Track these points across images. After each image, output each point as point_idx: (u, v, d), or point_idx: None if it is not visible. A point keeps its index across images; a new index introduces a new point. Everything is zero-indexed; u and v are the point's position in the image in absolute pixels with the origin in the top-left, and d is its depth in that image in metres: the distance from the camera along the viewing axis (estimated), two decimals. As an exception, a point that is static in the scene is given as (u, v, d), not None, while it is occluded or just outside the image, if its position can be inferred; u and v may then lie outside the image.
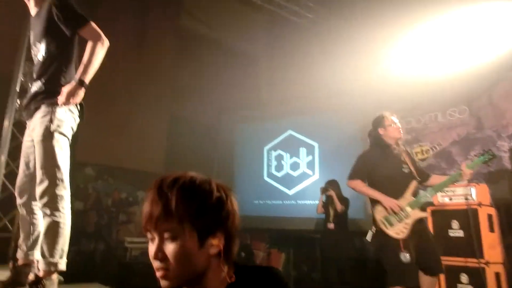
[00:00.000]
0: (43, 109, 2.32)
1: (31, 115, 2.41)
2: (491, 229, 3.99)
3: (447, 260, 3.84)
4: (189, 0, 7.51)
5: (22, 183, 2.42)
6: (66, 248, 2.27)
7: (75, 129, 2.46)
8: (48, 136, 2.26)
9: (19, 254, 2.46)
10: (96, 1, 6.19)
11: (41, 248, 2.22)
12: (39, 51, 2.44)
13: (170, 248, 1.03)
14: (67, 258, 2.31)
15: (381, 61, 6.39)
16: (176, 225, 1.02)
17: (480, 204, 4.01)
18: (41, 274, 2.19)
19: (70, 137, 2.41)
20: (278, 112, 7.69)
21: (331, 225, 5.54)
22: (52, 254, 2.19)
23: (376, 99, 6.46)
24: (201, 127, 7.54)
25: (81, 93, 2.30)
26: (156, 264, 1.05)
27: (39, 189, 2.24)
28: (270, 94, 8.52)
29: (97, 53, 2.32)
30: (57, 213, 2.21)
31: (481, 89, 5.42)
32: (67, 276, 3.18)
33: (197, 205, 1.04)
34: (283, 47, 8.10)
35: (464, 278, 3.88)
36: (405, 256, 2.94)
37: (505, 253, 4.02)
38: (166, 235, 1.03)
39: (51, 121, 2.28)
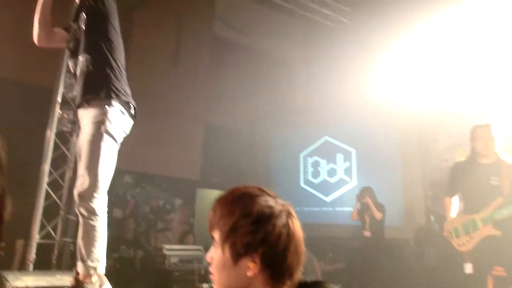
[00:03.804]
0: (94, 109, 2.22)
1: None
2: None
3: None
4: (223, 9, 7.58)
5: None
6: (104, 252, 2.20)
7: (127, 132, 2.38)
8: (97, 136, 2.18)
9: None
10: (132, 16, 6.37)
11: (79, 251, 2.15)
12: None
13: (213, 253, 1.07)
14: (108, 264, 2.27)
15: (419, 65, 6.22)
16: (220, 235, 1.05)
17: None
18: (81, 277, 2.14)
19: (119, 140, 2.32)
20: (314, 118, 7.59)
21: (367, 233, 5.43)
22: (90, 258, 2.13)
23: (415, 103, 6.27)
24: (237, 135, 7.54)
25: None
26: None
27: (79, 189, 2.16)
28: (306, 101, 8.45)
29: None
30: (93, 217, 2.14)
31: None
32: (109, 281, 3.22)
33: (232, 222, 1.03)
34: (319, 53, 8.02)
35: None
36: (468, 267, 2.87)
37: None
38: (214, 241, 1.07)
39: (102, 122, 2.18)
